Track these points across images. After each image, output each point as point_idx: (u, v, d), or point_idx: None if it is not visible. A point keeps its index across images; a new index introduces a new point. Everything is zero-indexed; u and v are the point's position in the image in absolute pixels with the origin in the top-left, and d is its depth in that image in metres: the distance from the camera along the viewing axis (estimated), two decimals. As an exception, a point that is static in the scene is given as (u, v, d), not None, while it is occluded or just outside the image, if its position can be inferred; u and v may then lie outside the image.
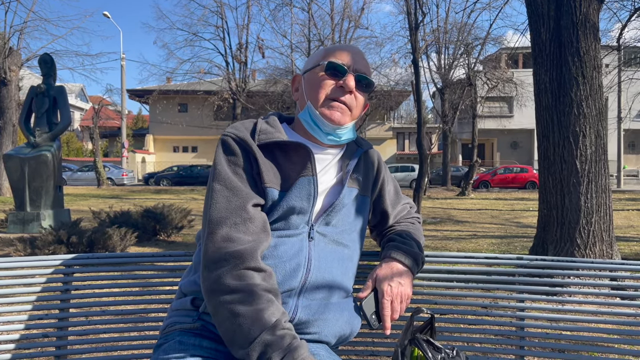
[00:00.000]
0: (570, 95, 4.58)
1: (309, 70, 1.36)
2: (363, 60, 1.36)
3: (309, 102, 1.32)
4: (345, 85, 1.30)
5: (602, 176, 4.59)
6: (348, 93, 1.31)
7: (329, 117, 1.30)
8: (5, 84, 16.87)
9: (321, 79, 1.31)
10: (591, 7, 4.56)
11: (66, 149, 37.56)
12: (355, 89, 1.32)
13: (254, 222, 1.19)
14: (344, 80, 1.30)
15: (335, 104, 1.30)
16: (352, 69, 1.32)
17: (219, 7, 26.05)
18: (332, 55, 1.33)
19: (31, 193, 7.69)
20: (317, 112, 1.30)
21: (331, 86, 1.31)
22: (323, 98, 1.30)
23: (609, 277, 1.50)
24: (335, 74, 1.31)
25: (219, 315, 1.11)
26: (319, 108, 1.30)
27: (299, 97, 1.39)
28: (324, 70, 1.31)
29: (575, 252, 4.57)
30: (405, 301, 1.31)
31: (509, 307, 1.51)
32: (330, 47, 1.38)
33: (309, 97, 1.33)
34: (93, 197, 17.92)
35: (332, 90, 1.31)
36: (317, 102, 1.31)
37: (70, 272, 1.47)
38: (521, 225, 10.48)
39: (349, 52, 1.35)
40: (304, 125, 1.34)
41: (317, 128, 1.31)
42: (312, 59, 1.38)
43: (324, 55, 1.34)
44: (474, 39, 23.98)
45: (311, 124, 1.32)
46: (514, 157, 36.71)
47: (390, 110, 35.66)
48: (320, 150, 1.34)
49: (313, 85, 1.33)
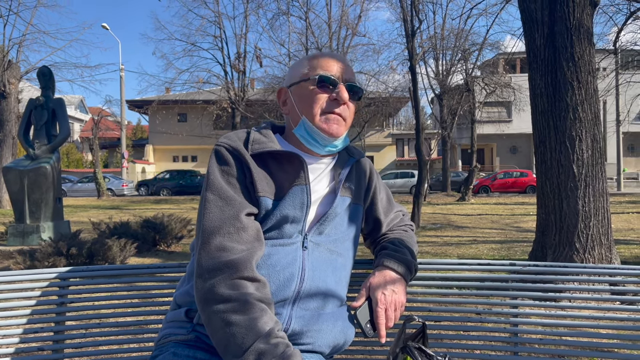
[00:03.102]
0: (566, 100, 4.60)
1: (296, 84, 1.35)
2: (349, 67, 1.37)
3: (304, 117, 1.32)
4: (340, 98, 1.31)
5: (599, 180, 4.61)
6: (342, 104, 1.33)
7: (327, 131, 1.31)
8: (4, 97, 16.92)
9: (313, 93, 1.32)
10: (585, 12, 4.59)
11: (66, 160, 37.59)
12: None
13: (248, 231, 1.20)
14: (338, 92, 1.31)
15: (332, 116, 1.32)
16: (342, 79, 1.33)
17: (217, 17, 26.18)
18: (319, 66, 1.33)
19: (31, 205, 7.69)
20: (313, 126, 1.31)
21: (325, 99, 1.32)
22: (319, 112, 1.31)
23: (604, 282, 1.51)
24: (326, 86, 1.32)
25: (213, 325, 1.11)
26: (315, 122, 1.31)
27: (289, 111, 1.38)
28: (315, 85, 1.32)
29: (574, 256, 4.57)
30: (399, 309, 1.32)
31: (502, 313, 1.52)
32: (313, 57, 1.38)
33: (303, 112, 1.33)
34: (93, 208, 17.92)
35: (327, 103, 1.31)
36: (312, 116, 1.31)
37: (66, 285, 1.48)
38: (521, 230, 10.48)
39: (336, 62, 1.35)
40: (301, 140, 1.34)
41: (315, 142, 1.32)
42: (296, 71, 1.38)
43: (310, 67, 1.34)
44: (471, 44, 24.10)
45: (308, 139, 1.33)
46: (513, 161, 36.74)
47: (388, 116, 35.71)
48: (313, 159, 1.35)
49: (305, 99, 1.33)
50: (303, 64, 1.37)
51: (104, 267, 1.54)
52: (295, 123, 1.35)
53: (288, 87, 1.39)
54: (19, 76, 17.88)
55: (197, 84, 27.41)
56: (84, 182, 28.89)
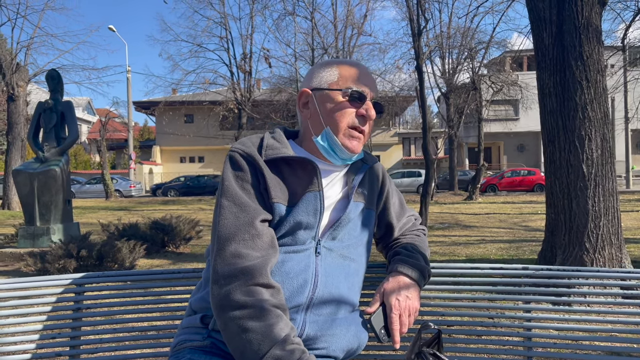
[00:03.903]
0: (575, 99, 4.58)
1: (323, 91, 1.33)
2: (375, 83, 1.37)
3: (328, 128, 1.31)
4: (368, 116, 1.31)
5: (609, 179, 4.58)
6: (368, 122, 1.33)
7: (349, 147, 1.31)
8: (13, 100, 17.06)
9: (342, 106, 1.30)
10: (593, 10, 4.57)
11: (74, 161, 37.83)
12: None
13: (262, 238, 1.21)
14: (367, 110, 1.31)
15: (356, 133, 1.31)
16: (370, 96, 1.33)
17: (223, 18, 26.24)
18: (351, 78, 1.32)
19: (41, 207, 7.74)
20: (337, 140, 1.30)
21: (352, 114, 1.31)
22: (345, 127, 1.30)
23: (618, 286, 1.51)
24: (356, 101, 1.31)
25: (229, 331, 1.12)
26: (339, 136, 1.30)
27: (310, 116, 1.36)
28: (346, 97, 1.30)
29: (584, 256, 4.55)
30: (413, 314, 1.32)
31: (515, 318, 1.52)
32: (343, 65, 1.35)
33: (327, 123, 1.31)
34: (102, 210, 18.03)
35: (354, 119, 1.31)
36: (338, 130, 1.30)
37: (81, 291, 1.50)
38: (530, 229, 10.43)
39: (367, 76, 1.35)
40: (319, 149, 1.33)
41: (334, 154, 1.32)
42: (323, 76, 1.35)
43: (341, 76, 1.32)
44: (478, 43, 23.99)
45: (328, 150, 1.32)
46: (521, 159, 36.58)
47: (395, 115, 35.68)
48: (326, 165, 1.35)
49: (333, 110, 1.31)
50: (332, 71, 1.34)
51: (118, 273, 1.56)
52: (316, 130, 1.34)
53: (312, 90, 1.36)
54: (27, 79, 18.02)
55: (203, 84, 27.51)
56: (92, 183, 29.08)
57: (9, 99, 17.21)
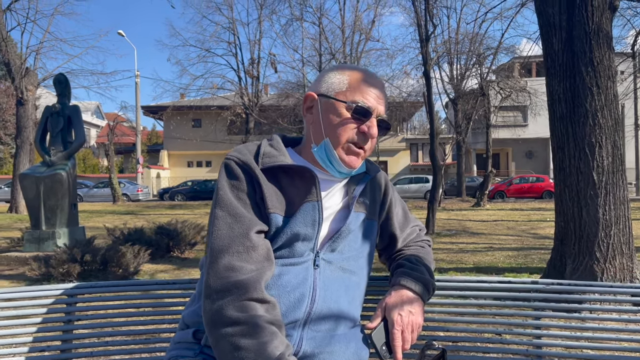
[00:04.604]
0: (585, 106, 4.50)
1: (330, 99, 1.27)
2: (385, 99, 1.31)
3: (327, 140, 1.26)
4: (370, 134, 1.25)
5: (619, 187, 4.50)
6: (369, 140, 1.27)
7: (347, 163, 1.26)
8: (22, 104, 17.18)
9: (344, 120, 1.25)
10: (604, 16, 4.50)
11: (82, 165, 38.04)
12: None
13: (257, 250, 1.15)
14: (369, 127, 1.25)
15: (355, 149, 1.26)
16: (376, 113, 1.27)
17: (231, 24, 26.36)
18: (359, 91, 1.26)
19: (46, 211, 7.74)
20: (335, 153, 1.25)
21: (354, 129, 1.25)
22: (344, 141, 1.25)
23: (631, 302, 1.43)
24: (360, 117, 1.25)
25: (221, 349, 1.07)
26: (337, 150, 1.25)
27: (313, 121, 1.30)
28: (349, 111, 1.25)
29: (594, 265, 4.46)
30: (416, 330, 1.26)
31: (524, 334, 1.45)
32: (355, 73, 1.30)
33: (327, 134, 1.26)
34: (109, 214, 18.07)
35: (355, 134, 1.25)
36: (337, 143, 1.25)
37: (72, 302, 1.45)
38: (538, 237, 10.31)
39: (375, 91, 1.28)
40: (317, 159, 1.28)
41: (331, 166, 1.27)
42: (333, 82, 1.29)
43: (350, 87, 1.27)
44: (486, 48, 23.89)
45: (325, 161, 1.27)
46: (529, 166, 36.33)
47: (403, 121, 35.60)
48: (326, 175, 1.30)
49: (334, 122, 1.25)
50: (342, 79, 1.28)
51: (111, 283, 1.51)
52: (317, 139, 1.29)
53: (318, 95, 1.31)
54: (37, 83, 18.16)
55: (211, 89, 27.62)
56: (99, 187, 29.21)
57: (18, 103, 17.33)
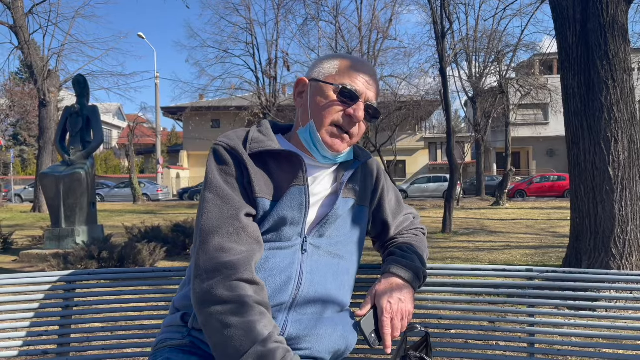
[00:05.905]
0: (600, 100, 4.42)
1: (319, 82, 1.28)
2: (375, 86, 1.30)
3: (312, 122, 1.26)
4: (355, 117, 1.25)
5: (637, 183, 4.41)
6: (355, 124, 1.27)
7: (329, 145, 1.26)
8: (44, 105, 17.53)
9: (331, 102, 1.25)
10: (619, 8, 4.41)
11: (104, 166, 38.67)
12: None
13: (247, 231, 1.17)
14: (354, 110, 1.25)
15: (338, 132, 1.26)
16: (364, 97, 1.27)
17: (249, 24, 26.46)
18: (348, 75, 1.27)
19: (66, 210, 7.89)
20: (319, 136, 1.26)
21: (339, 112, 1.25)
22: (328, 123, 1.25)
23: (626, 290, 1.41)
24: (346, 100, 1.25)
25: (210, 327, 1.08)
26: (321, 132, 1.25)
27: (302, 105, 1.31)
28: (336, 94, 1.25)
29: (610, 262, 4.38)
30: (406, 318, 1.25)
31: (517, 322, 1.43)
32: (345, 60, 1.31)
33: (313, 116, 1.27)
34: (129, 213, 18.33)
35: (340, 117, 1.25)
36: (321, 125, 1.26)
37: (70, 289, 1.48)
38: (557, 235, 10.14)
39: (365, 77, 1.28)
40: (302, 142, 1.29)
41: (315, 149, 1.27)
42: (324, 67, 1.30)
43: (339, 71, 1.28)
44: (505, 46, 23.59)
45: (310, 144, 1.28)
46: (550, 165, 35.76)
47: (421, 120, 35.30)
48: (315, 161, 1.30)
49: (320, 105, 1.26)
50: (333, 63, 1.30)
51: (109, 271, 1.54)
52: (304, 122, 1.30)
53: (310, 80, 1.31)
54: (59, 85, 18.52)
55: (229, 90, 27.75)
56: (120, 187, 29.63)
57: (40, 105, 17.70)
